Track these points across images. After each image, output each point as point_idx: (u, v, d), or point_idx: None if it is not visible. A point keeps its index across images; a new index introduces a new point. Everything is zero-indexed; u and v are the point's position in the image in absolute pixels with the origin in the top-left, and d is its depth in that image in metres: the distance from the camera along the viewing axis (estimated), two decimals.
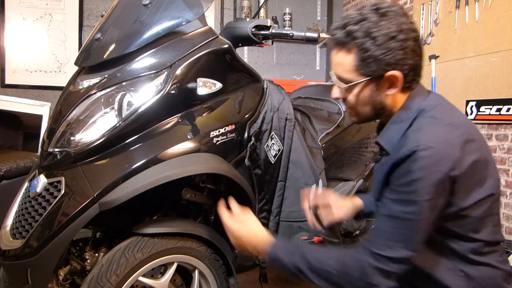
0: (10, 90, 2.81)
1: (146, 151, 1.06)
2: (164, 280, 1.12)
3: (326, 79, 3.51)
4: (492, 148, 2.05)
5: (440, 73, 2.38)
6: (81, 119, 1.08)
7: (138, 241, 1.06)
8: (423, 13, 2.51)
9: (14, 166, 1.96)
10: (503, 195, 1.98)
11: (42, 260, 0.99)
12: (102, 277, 1.00)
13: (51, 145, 1.10)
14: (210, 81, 1.17)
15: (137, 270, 1.05)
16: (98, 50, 1.17)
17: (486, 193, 0.81)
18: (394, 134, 0.85)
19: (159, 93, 1.09)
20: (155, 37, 1.12)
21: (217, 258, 1.21)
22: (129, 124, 1.06)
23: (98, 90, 1.08)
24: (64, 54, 2.93)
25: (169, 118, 1.12)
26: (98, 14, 2.99)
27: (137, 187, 1.00)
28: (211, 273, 1.19)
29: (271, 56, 3.46)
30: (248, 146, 1.25)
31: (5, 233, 1.11)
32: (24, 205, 1.11)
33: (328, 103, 1.82)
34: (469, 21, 2.18)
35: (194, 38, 1.17)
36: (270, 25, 1.25)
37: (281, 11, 3.40)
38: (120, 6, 1.26)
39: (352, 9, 0.86)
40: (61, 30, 2.92)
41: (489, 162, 0.83)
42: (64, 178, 1.04)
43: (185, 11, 1.17)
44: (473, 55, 2.15)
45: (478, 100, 2.11)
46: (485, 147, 0.85)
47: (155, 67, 1.10)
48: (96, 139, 1.05)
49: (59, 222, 0.98)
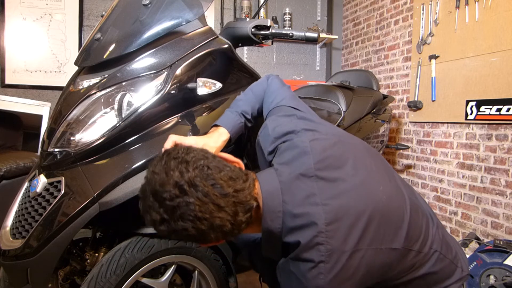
0: (10, 90, 2.81)
1: (146, 151, 1.06)
2: (164, 280, 1.12)
3: (326, 79, 3.51)
4: (492, 148, 2.06)
5: (440, 73, 2.39)
6: (81, 119, 1.08)
7: (138, 241, 1.07)
8: (423, 13, 2.51)
9: (14, 166, 1.96)
10: (503, 195, 1.98)
11: (42, 260, 0.99)
12: (102, 277, 1.00)
13: (51, 145, 1.10)
14: (210, 81, 1.16)
15: (137, 270, 1.05)
16: (98, 50, 1.17)
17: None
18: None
19: (159, 93, 1.09)
20: (155, 37, 1.12)
21: (217, 258, 1.21)
22: (129, 124, 1.06)
23: (98, 90, 1.08)
24: (64, 54, 2.93)
25: (169, 118, 1.12)
26: (98, 14, 2.99)
27: (137, 187, 1.00)
28: (211, 273, 1.19)
29: (271, 56, 3.46)
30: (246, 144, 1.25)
31: (5, 233, 1.11)
32: (24, 205, 1.11)
33: (328, 103, 1.82)
34: (469, 21, 2.18)
35: (194, 38, 1.17)
36: (270, 25, 1.25)
37: (281, 11, 3.40)
38: (120, 6, 1.25)
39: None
40: (61, 30, 2.92)
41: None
42: (64, 178, 1.04)
43: (185, 11, 1.16)
44: (473, 55, 2.15)
45: (478, 100, 2.11)
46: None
47: (155, 67, 1.10)
48: (96, 139, 1.05)
49: (59, 222, 0.98)
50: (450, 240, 0.95)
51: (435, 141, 2.46)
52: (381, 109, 2.08)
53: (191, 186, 0.72)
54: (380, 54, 3.06)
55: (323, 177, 0.79)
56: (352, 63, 3.49)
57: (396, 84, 2.86)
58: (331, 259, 0.73)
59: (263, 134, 0.99)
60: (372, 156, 0.90)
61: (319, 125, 0.95)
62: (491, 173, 2.06)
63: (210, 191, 0.72)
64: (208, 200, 0.72)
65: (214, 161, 0.77)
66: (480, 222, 2.12)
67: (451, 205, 2.33)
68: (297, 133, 0.90)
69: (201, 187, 0.72)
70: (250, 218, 0.79)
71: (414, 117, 2.62)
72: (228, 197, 0.74)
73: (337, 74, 2.41)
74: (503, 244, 1.69)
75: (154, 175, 0.75)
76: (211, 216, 0.73)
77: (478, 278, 1.65)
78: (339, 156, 0.84)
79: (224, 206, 0.73)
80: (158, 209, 0.73)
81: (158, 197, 0.73)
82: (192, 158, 0.75)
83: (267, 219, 0.80)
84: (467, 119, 2.18)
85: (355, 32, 3.46)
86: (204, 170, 0.74)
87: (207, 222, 0.73)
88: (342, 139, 0.91)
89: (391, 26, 2.94)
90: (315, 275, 0.73)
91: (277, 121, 0.98)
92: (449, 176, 2.35)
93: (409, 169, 2.70)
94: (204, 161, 0.76)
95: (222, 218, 0.74)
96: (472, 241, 1.97)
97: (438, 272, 0.89)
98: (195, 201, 0.71)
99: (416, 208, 0.88)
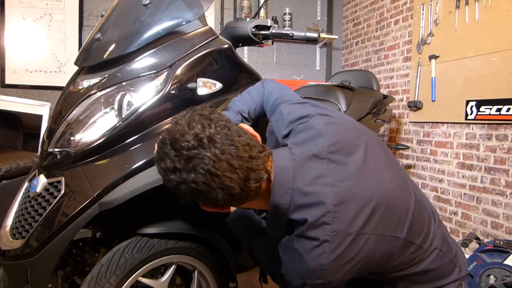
0: (10, 90, 2.81)
1: (146, 151, 1.06)
2: (163, 280, 1.12)
3: (326, 79, 3.51)
4: (492, 148, 2.06)
5: (440, 73, 2.39)
6: (81, 119, 1.08)
7: (138, 241, 1.06)
8: (423, 13, 2.51)
9: (14, 166, 1.96)
10: (503, 195, 1.98)
11: (42, 260, 0.99)
12: (101, 277, 1.00)
13: (51, 145, 1.10)
14: (210, 81, 1.16)
15: (136, 270, 1.05)
16: (98, 50, 1.17)
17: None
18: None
19: (159, 93, 1.09)
20: (155, 37, 1.12)
21: (217, 258, 1.21)
22: (129, 124, 1.06)
23: (98, 90, 1.08)
24: (64, 54, 2.93)
25: (169, 118, 1.12)
26: (98, 14, 2.99)
27: (137, 187, 1.00)
28: (211, 273, 1.19)
29: (271, 56, 3.46)
30: None
31: (5, 233, 1.11)
32: (24, 205, 1.11)
33: (328, 103, 1.82)
34: (469, 21, 2.18)
35: (194, 38, 1.17)
36: (270, 25, 1.25)
37: (281, 11, 3.40)
38: (120, 6, 1.25)
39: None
40: (61, 30, 2.92)
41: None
42: (64, 178, 1.04)
43: (185, 11, 1.16)
44: (473, 55, 2.15)
45: (478, 100, 2.11)
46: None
47: (155, 67, 1.10)
48: (96, 139, 1.05)
49: (59, 222, 0.98)
50: (451, 240, 0.96)
51: (435, 141, 2.46)
52: (381, 109, 2.08)
53: (210, 141, 0.73)
54: (380, 54, 3.06)
55: (335, 160, 0.81)
56: (352, 63, 3.49)
57: (396, 84, 2.86)
58: (335, 239, 0.74)
59: (277, 119, 1.00)
60: (381, 145, 0.92)
61: (332, 111, 0.97)
62: (491, 173, 2.06)
63: (226, 149, 0.74)
64: (223, 158, 0.73)
65: (235, 126, 0.80)
66: (480, 222, 2.12)
67: (451, 205, 2.33)
68: (312, 117, 0.91)
69: (219, 144, 0.73)
70: (259, 188, 0.80)
71: (414, 117, 2.62)
72: (243, 161, 0.75)
73: (337, 74, 2.41)
74: (503, 244, 1.69)
75: (177, 125, 0.76)
76: (223, 175, 0.74)
77: (478, 278, 1.65)
78: (352, 142, 0.85)
79: (237, 168, 0.75)
80: (174, 157, 0.74)
81: (176, 145, 0.74)
82: (216, 118, 0.77)
83: (276, 194, 0.81)
84: (467, 119, 2.18)
85: (355, 32, 3.46)
86: (225, 130, 0.76)
87: (218, 180, 0.74)
88: (355, 126, 0.92)
89: (391, 26, 2.94)
90: (319, 253, 0.74)
91: (292, 107, 1.00)
92: (449, 176, 2.35)
93: (409, 169, 2.70)
94: (226, 123, 0.78)
95: (233, 179, 0.75)
96: (472, 241, 1.97)
97: (437, 269, 0.89)
98: (211, 156, 0.72)
99: (420, 203, 0.89)
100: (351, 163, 0.81)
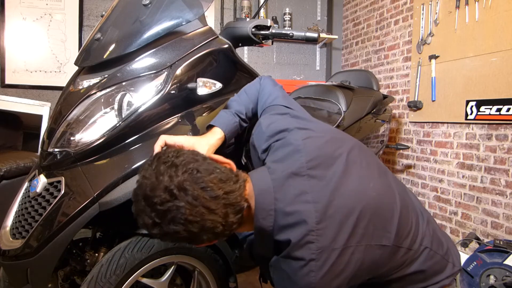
0: (10, 90, 2.81)
1: (146, 151, 1.06)
2: (163, 280, 1.12)
3: (326, 79, 3.51)
4: (492, 148, 2.06)
5: (440, 73, 2.39)
6: (81, 119, 1.08)
7: (138, 241, 1.07)
8: (423, 13, 2.51)
9: (14, 166, 1.96)
10: (503, 195, 1.98)
11: (42, 260, 0.99)
12: (102, 277, 1.00)
13: (51, 145, 1.10)
14: (210, 81, 1.16)
15: (136, 270, 1.05)
16: (98, 50, 1.17)
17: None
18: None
19: (159, 93, 1.09)
20: (155, 37, 1.12)
21: (217, 258, 1.21)
22: (129, 124, 1.06)
23: (98, 90, 1.08)
24: (64, 54, 2.93)
25: (169, 118, 1.12)
26: (98, 14, 2.99)
27: None
28: (210, 273, 1.19)
29: (271, 56, 3.46)
30: (245, 145, 1.26)
31: (5, 233, 1.11)
32: (24, 205, 1.11)
33: (328, 103, 1.82)
34: (469, 21, 2.18)
35: (194, 38, 1.17)
36: (270, 25, 1.25)
37: (281, 11, 3.40)
38: (120, 6, 1.25)
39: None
40: (61, 30, 2.92)
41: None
42: (64, 178, 1.04)
43: (185, 11, 1.16)
44: (473, 55, 2.15)
45: (478, 100, 2.11)
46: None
47: (155, 67, 1.10)
48: (96, 139, 1.05)
49: (59, 222, 0.98)
50: (442, 236, 0.96)
51: (435, 141, 2.46)
52: (381, 109, 2.08)
53: (180, 190, 0.72)
54: (380, 54, 3.06)
55: (315, 175, 0.80)
56: (352, 63, 3.49)
57: (396, 84, 2.86)
58: (321, 257, 0.74)
59: (257, 132, 1.00)
60: (363, 153, 0.91)
61: (311, 123, 0.96)
62: (491, 173, 2.06)
63: (200, 194, 0.73)
64: (198, 203, 0.73)
65: (204, 164, 0.78)
66: (480, 222, 2.12)
67: (451, 205, 2.33)
68: (290, 131, 0.91)
69: (190, 190, 0.73)
70: (241, 218, 0.80)
71: (414, 117, 2.62)
72: (219, 200, 0.75)
73: (337, 74, 2.41)
74: (503, 244, 1.69)
75: (145, 179, 0.76)
76: (202, 219, 0.73)
77: (478, 278, 1.65)
78: (331, 154, 0.85)
79: (214, 209, 0.74)
80: (150, 213, 0.74)
81: (149, 201, 0.74)
82: (181, 162, 0.76)
83: (259, 217, 0.81)
84: (467, 119, 2.18)
85: (355, 32, 3.46)
86: (194, 173, 0.75)
87: (198, 225, 0.74)
88: (334, 136, 0.92)
89: (391, 26, 2.94)
90: (306, 272, 0.74)
91: (271, 118, 0.99)
92: (449, 176, 2.35)
93: (409, 169, 2.70)
94: (193, 164, 0.76)
95: (213, 220, 0.75)
96: (472, 241, 1.97)
97: (429, 268, 0.89)
98: (185, 205, 0.72)
99: (406, 205, 0.89)
100: (331, 177, 0.80)
